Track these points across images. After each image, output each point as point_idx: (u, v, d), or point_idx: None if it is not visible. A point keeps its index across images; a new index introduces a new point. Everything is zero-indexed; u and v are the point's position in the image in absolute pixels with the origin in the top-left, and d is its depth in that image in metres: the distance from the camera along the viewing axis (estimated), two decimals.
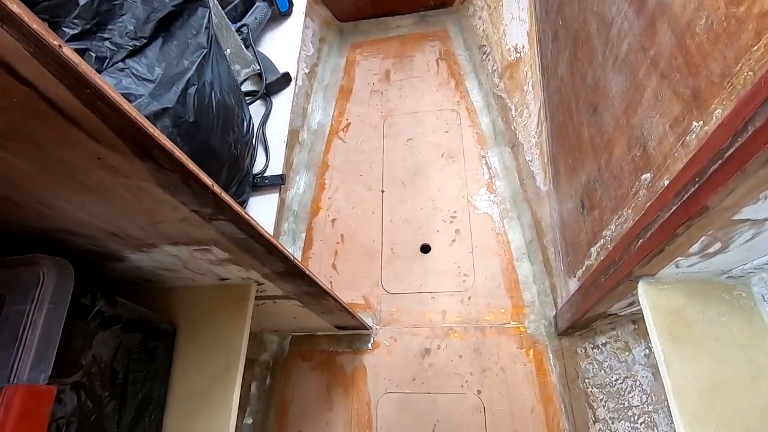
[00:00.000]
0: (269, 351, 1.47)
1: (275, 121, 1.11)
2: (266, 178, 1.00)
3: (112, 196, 0.56)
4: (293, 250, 1.64)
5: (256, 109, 1.12)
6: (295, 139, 1.79)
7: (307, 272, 0.87)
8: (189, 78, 0.72)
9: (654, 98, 0.64)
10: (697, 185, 0.52)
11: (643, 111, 0.68)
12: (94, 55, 0.65)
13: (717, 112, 0.49)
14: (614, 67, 0.78)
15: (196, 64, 0.73)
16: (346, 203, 1.69)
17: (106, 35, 0.68)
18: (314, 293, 1.00)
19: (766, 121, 0.40)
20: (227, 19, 1.03)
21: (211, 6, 0.84)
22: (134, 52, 0.70)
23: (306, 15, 1.44)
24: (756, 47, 0.43)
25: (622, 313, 1.01)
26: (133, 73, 0.69)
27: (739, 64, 0.45)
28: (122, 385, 0.71)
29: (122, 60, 0.68)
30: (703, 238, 0.61)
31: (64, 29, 0.64)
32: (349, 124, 1.88)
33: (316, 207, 1.71)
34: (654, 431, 0.92)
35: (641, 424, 0.99)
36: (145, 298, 0.92)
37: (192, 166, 0.52)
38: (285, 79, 1.15)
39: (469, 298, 1.43)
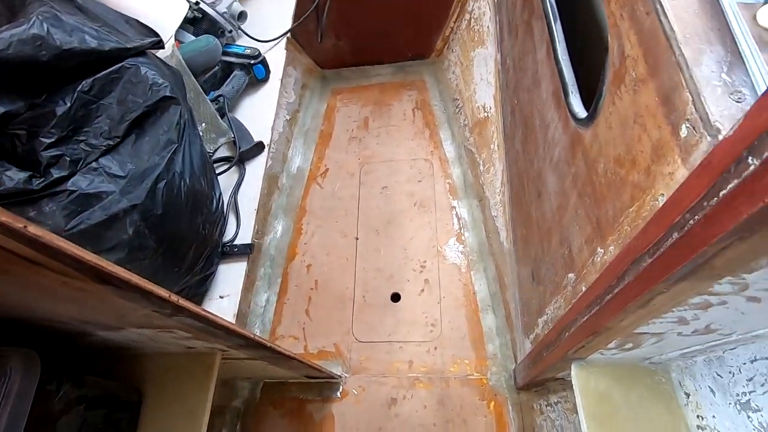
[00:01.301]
0: (241, 397, 1.51)
1: (248, 188, 1.17)
2: (235, 246, 1.05)
3: (82, 301, 0.61)
4: (269, 295, 1.69)
5: (229, 176, 1.18)
6: (274, 184, 1.85)
7: (268, 345, 0.93)
8: (159, 173, 0.78)
9: (575, 211, 0.72)
10: (598, 306, 0.59)
11: (569, 217, 0.75)
12: (68, 159, 0.71)
13: (611, 248, 0.57)
14: (551, 166, 0.86)
15: (167, 159, 0.79)
16: (321, 249, 1.75)
17: (81, 137, 0.74)
18: (279, 357, 1.06)
19: (636, 280, 0.47)
20: (204, 94, 1.10)
21: (184, 95, 0.91)
22: (107, 151, 0.76)
23: (285, 70, 1.52)
24: (631, 210, 0.50)
25: (569, 379, 1.07)
26: (105, 172, 0.74)
27: (622, 216, 0.53)
28: None
29: (96, 159, 0.74)
30: (614, 341, 0.68)
31: (42, 139, 0.69)
32: (327, 169, 1.95)
33: (293, 252, 1.77)
34: None
35: None
36: (115, 363, 0.97)
37: (148, 285, 0.57)
38: (258, 148, 1.21)
39: (435, 348, 1.49)
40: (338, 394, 1.47)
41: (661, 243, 0.41)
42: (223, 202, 1.04)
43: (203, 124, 1.09)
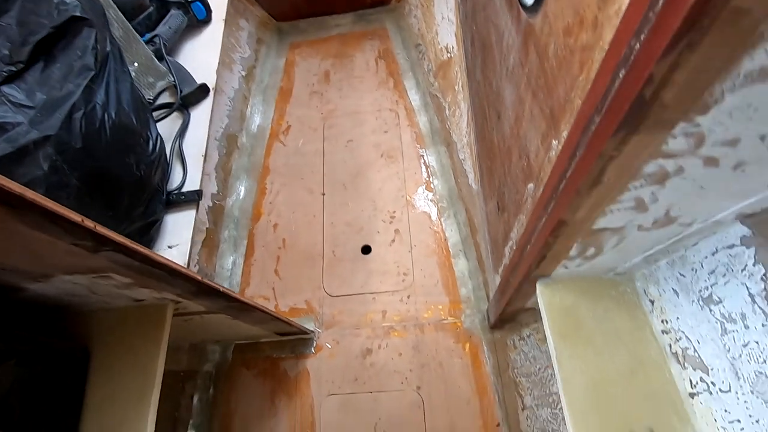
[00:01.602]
0: (212, 361, 1.46)
1: (193, 134, 1.08)
2: (182, 194, 0.98)
3: None
4: (235, 257, 1.62)
5: (173, 123, 1.10)
6: (233, 144, 1.76)
7: (221, 290, 0.87)
8: (74, 102, 0.69)
9: (530, 113, 0.67)
10: (554, 201, 0.55)
11: (526, 123, 0.71)
12: None
13: (564, 133, 0.52)
14: (507, 78, 0.81)
15: (83, 87, 0.71)
16: (287, 207, 1.69)
17: None
18: (239, 307, 1.00)
19: (586, 149, 0.43)
20: (134, 31, 1.00)
21: (103, 23, 0.82)
22: (11, 78, 0.67)
23: (227, 21, 1.41)
24: (581, 77, 0.45)
25: (538, 307, 1.06)
26: (9, 101, 0.66)
27: (573, 91, 0.48)
28: (21, 421, 0.69)
29: None
30: (575, 245, 0.65)
31: None
32: (289, 126, 1.86)
33: (258, 212, 1.70)
34: None
35: (559, 409, 1.05)
36: (58, 322, 0.90)
37: (51, 205, 0.50)
38: (202, 91, 1.12)
39: (409, 296, 1.46)
40: (312, 349, 1.44)
41: (609, 90, 0.37)
42: (163, 145, 0.96)
43: (136, 64, 0.99)
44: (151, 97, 1.08)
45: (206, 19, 1.26)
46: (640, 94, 0.33)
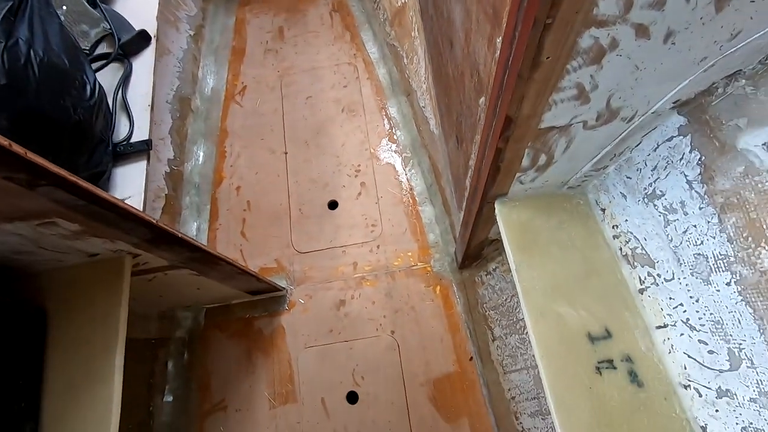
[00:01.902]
0: (184, 327, 1.44)
1: (138, 85, 1.03)
2: (130, 145, 0.93)
3: None
4: (199, 223, 1.58)
5: (114, 74, 1.03)
6: (187, 108, 1.69)
7: (179, 235, 0.85)
8: None
9: (477, 22, 0.66)
10: (500, 99, 0.55)
11: (474, 36, 0.70)
12: None
13: (504, 22, 0.52)
14: None
15: (0, 18, 0.65)
16: (249, 169, 1.64)
17: None
18: (201, 258, 0.98)
19: (523, 24, 0.43)
20: None
21: None
22: None
23: None
24: None
25: (501, 238, 1.09)
26: None
27: None
28: None
29: None
30: (526, 150, 0.66)
31: None
32: (245, 87, 1.80)
33: (219, 176, 1.65)
34: None
35: (526, 334, 1.10)
36: (11, 282, 0.86)
37: None
38: (142, 38, 1.06)
39: (378, 246, 1.47)
40: (285, 306, 1.43)
41: None
42: (102, 92, 0.90)
43: (64, 7, 0.92)
44: (87, 47, 1.01)
45: None
46: None
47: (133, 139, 0.96)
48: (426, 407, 1.26)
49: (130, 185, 0.93)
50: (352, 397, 1.29)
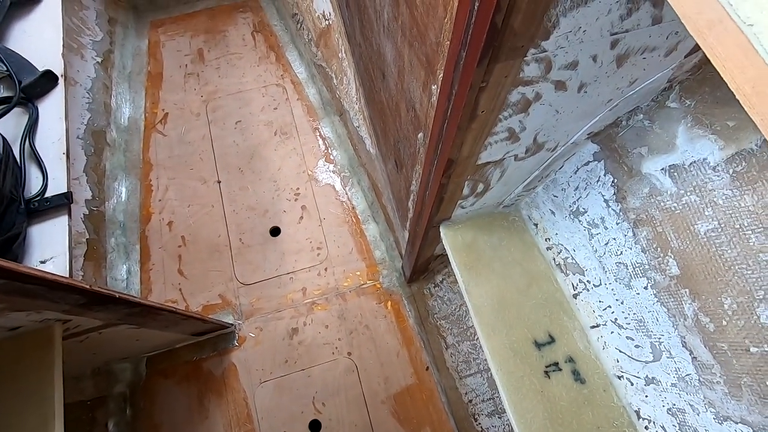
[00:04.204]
0: (123, 381, 1.33)
1: (48, 131, 0.93)
2: (47, 200, 0.85)
3: None
4: (128, 265, 1.47)
5: (18, 120, 0.93)
6: (102, 141, 1.56)
7: (118, 296, 0.79)
8: None
9: (410, 65, 0.70)
10: (441, 142, 0.59)
11: (407, 76, 0.74)
12: None
13: (440, 76, 0.56)
14: (385, 35, 0.83)
15: None
16: (180, 202, 1.56)
17: None
18: (140, 312, 0.92)
19: (460, 84, 0.47)
20: None
21: None
22: None
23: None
24: (446, 19, 0.49)
25: (445, 253, 1.14)
26: None
27: (442, 34, 0.51)
28: None
29: None
30: (466, 182, 0.71)
31: None
32: (166, 114, 1.70)
33: (147, 213, 1.54)
34: None
35: (477, 339, 1.16)
36: None
37: None
38: (48, 79, 0.96)
39: (326, 269, 1.47)
40: (235, 342, 1.38)
41: (469, 25, 0.40)
42: (7, 146, 0.81)
43: None
44: None
45: None
46: (492, 22, 0.36)
47: (49, 193, 0.87)
48: (390, 423, 1.29)
49: (50, 245, 0.84)
50: (315, 426, 1.28)
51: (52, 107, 0.96)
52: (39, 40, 1.06)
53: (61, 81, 0.99)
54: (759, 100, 0.19)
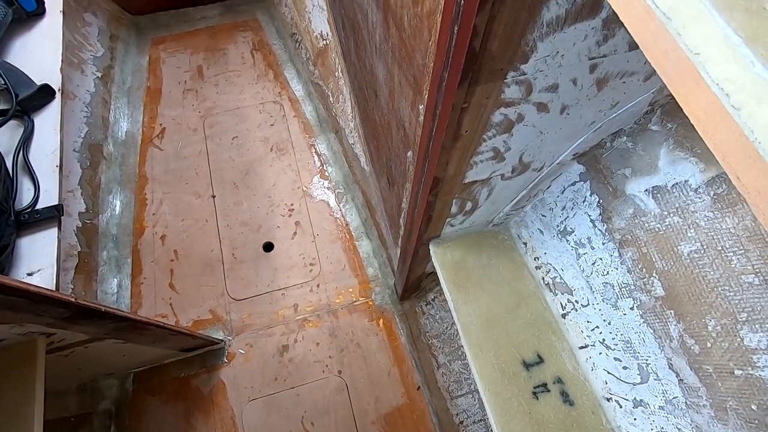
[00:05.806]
0: (109, 397, 1.30)
1: (42, 144, 0.94)
2: (37, 212, 0.85)
3: None
4: (120, 279, 1.46)
5: (13, 132, 0.94)
6: (98, 155, 1.57)
7: (104, 309, 0.78)
8: None
9: (399, 85, 0.71)
10: (427, 160, 0.60)
11: (397, 95, 0.75)
12: None
13: (426, 96, 0.57)
14: (377, 56, 0.85)
15: None
16: (174, 216, 1.56)
17: None
18: (128, 327, 0.91)
19: (443, 105, 0.48)
20: None
21: None
22: None
23: (66, 14, 1.24)
24: (431, 41, 0.50)
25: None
26: None
27: (427, 56, 0.53)
28: None
29: None
30: (454, 200, 0.71)
31: None
32: (163, 129, 1.71)
33: (140, 226, 1.54)
34: None
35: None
36: None
37: None
38: (45, 93, 0.97)
39: (318, 285, 1.46)
40: (224, 359, 1.36)
41: (450, 47, 0.41)
42: (0, 158, 0.82)
43: None
44: None
45: (38, 11, 1.09)
46: (470, 46, 0.37)
47: (40, 205, 0.87)
48: None
49: (38, 257, 0.84)
50: None
51: (48, 121, 0.97)
52: (39, 55, 1.08)
53: (58, 95, 1.00)
54: (711, 125, 0.20)
